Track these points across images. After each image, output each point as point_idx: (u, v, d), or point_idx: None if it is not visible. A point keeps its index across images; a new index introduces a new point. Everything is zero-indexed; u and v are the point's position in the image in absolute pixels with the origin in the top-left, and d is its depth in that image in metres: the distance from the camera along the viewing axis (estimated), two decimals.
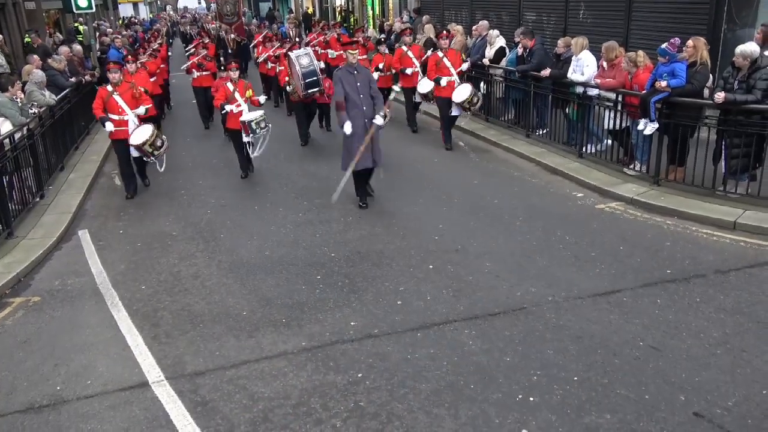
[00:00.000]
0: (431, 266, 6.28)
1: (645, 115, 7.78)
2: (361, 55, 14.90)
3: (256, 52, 16.02)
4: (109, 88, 8.74)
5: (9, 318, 5.76)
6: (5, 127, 8.14)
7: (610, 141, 9.02)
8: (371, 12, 25.90)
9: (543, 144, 10.17)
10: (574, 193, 8.21)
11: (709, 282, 5.67)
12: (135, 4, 53.62)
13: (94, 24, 19.64)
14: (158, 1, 62.35)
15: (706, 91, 7.79)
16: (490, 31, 11.85)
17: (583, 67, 9.04)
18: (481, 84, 11.63)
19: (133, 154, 8.80)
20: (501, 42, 11.60)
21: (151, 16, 49.57)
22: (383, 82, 11.38)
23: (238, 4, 24.20)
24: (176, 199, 8.84)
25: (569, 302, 5.43)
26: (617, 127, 8.54)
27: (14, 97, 8.68)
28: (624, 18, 11.53)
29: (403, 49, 11.57)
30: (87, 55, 15.75)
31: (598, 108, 8.88)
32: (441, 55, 10.42)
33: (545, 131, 10.50)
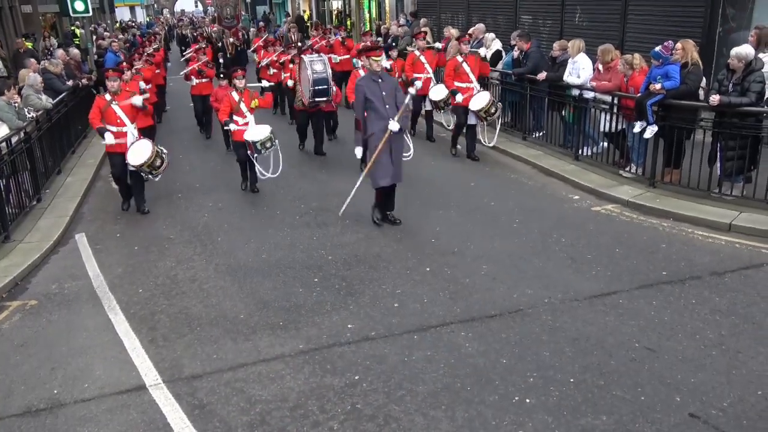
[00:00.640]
0: (428, 269, 6.29)
1: (640, 117, 7.81)
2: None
3: (257, 56, 15.39)
4: (107, 97, 8.22)
5: (6, 322, 5.76)
6: (2, 131, 8.14)
7: (606, 143, 9.06)
8: (368, 15, 25.95)
9: (539, 146, 10.21)
10: (570, 196, 8.24)
11: (705, 283, 5.70)
12: (132, 8, 53.69)
13: (91, 27, 19.64)
14: (155, 5, 62.40)
15: (701, 94, 7.82)
16: (487, 34, 11.89)
17: (579, 69, 9.07)
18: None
19: (131, 167, 8.25)
20: (497, 45, 11.64)
21: (148, 19, 49.56)
22: None
23: (237, 7, 23.94)
24: (173, 203, 8.85)
25: (565, 304, 5.45)
26: (613, 129, 8.58)
27: (11, 101, 8.68)
28: (620, 21, 11.59)
29: (416, 53, 10.95)
30: (84, 59, 15.77)
31: (594, 111, 8.92)
32: (460, 59, 9.79)
33: (541, 134, 10.54)
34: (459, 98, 9.73)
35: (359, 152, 7.42)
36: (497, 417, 4.11)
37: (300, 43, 17.94)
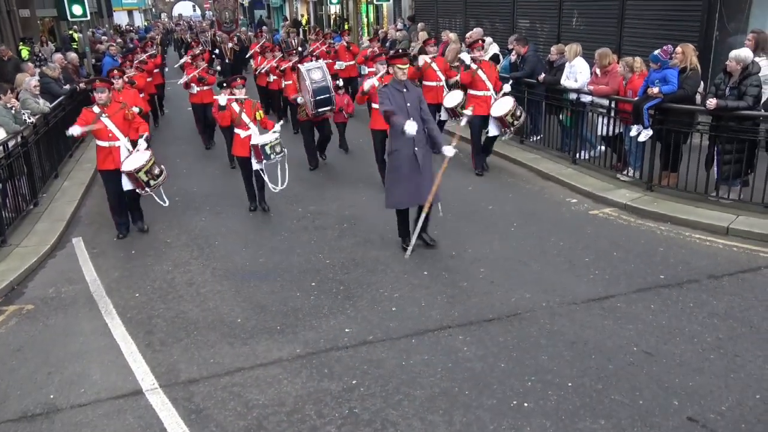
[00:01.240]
0: (426, 272, 6.28)
1: (637, 121, 7.83)
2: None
3: (254, 62, 14.59)
4: (96, 109, 7.34)
5: (2, 326, 5.73)
6: None
7: (603, 147, 9.06)
8: (366, 19, 26.01)
9: (537, 150, 10.21)
10: (567, 199, 8.24)
11: (703, 287, 5.70)
12: (130, 12, 53.76)
13: (89, 32, 19.63)
14: (153, 9, 62.46)
15: (698, 98, 7.84)
16: (487, 37, 11.90)
17: (577, 73, 9.09)
18: None
19: (126, 186, 7.42)
20: (495, 49, 11.65)
21: (145, 24, 49.58)
22: None
23: (236, 11, 23.59)
24: (170, 207, 8.78)
25: (563, 308, 5.44)
26: (610, 133, 8.59)
27: (8, 105, 8.67)
28: (617, 25, 11.62)
29: (427, 60, 10.36)
30: (81, 63, 15.75)
31: (592, 114, 8.93)
32: (475, 67, 9.11)
33: (539, 137, 10.55)
34: (469, 111, 9.08)
35: (411, 128, 6.12)
36: (495, 421, 4.10)
37: (300, 48, 17.62)
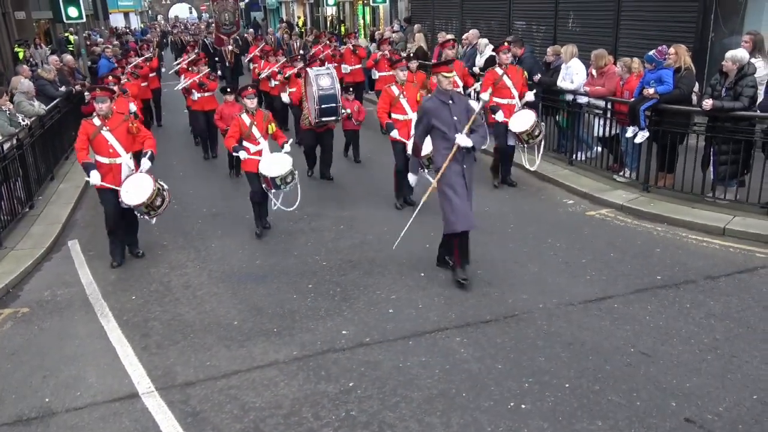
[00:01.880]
0: (422, 274, 6.28)
1: (633, 122, 7.84)
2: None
3: (255, 67, 13.96)
4: (96, 121, 6.67)
5: None
6: None
7: (599, 148, 9.07)
8: (362, 21, 26.01)
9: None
10: (564, 200, 8.25)
11: (699, 288, 5.70)
12: (126, 14, 53.67)
13: (85, 34, 19.57)
14: (149, 11, 62.40)
15: (694, 98, 7.86)
16: (480, 40, 11.93)
17: (573, 75, 9.10)
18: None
19: (125, 206, 6.72)
20: (491, 51, 11.66)
21: (142, 26, 49.52)
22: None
23: (236, 13, 22.84)
24: (167, 209, 8.78)
25: (560, 309, 5.44)
26: (607, 134, 8.60)
27: (2, 108, 8.64)
28: (612, 26, 11.63)
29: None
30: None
31: (588, 116, 8.94)
32: (500, 72, 8.36)
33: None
34: (500, 116, 8.34)
35: (413, 180, 6.42)
36: (493, 423, 4.09)
37: (302, 50, 17.08)
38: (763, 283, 5.72)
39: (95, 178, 6.53)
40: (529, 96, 8.49)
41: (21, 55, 16.82)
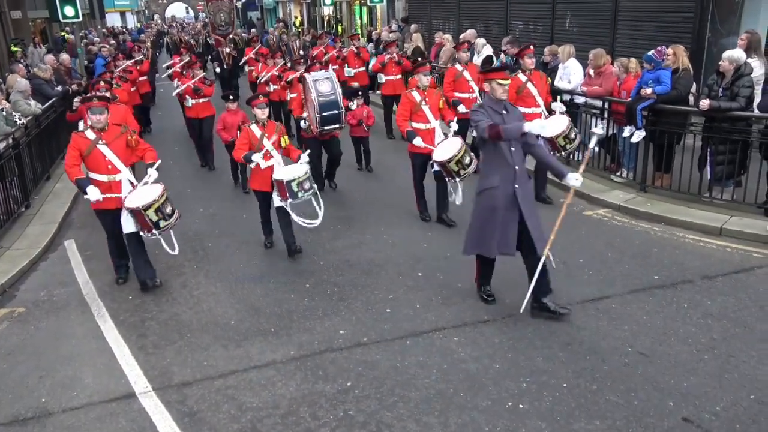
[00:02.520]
0: (420, 274, 6.27)
1: (630, 122, 7.85)
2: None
3: (251, 70, 13.45)
4: (90, 134, 5.92)
5: None
6: None
7: (597, 148, 9.06)
8: (359, 21, 26.01)
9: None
10: (561, 200, 8.22)
11: (696, 288, 5.71)
12: (122, 14, 53.57)
13: (81, 33, 19.52)
14: (146, 11, 62.29)
15: (691, 99, 7.87)
16: (477, 40, 11.92)
17: (570, 75, 9.09)
18: None
19: (128, 228, 5.97)
20: (488, 51, 11.67)
21: (138, 25, 49.40)
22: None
23: (232, 13, 22.42)
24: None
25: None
26: (605, 134, 8.59)
27: None
28: (610, 26, 11.65)
29: (458, 68, 9.05)
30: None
31: (585, 115, 8.94)
32: (524, 79, 7.74)
33: None
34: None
35: (535, 126, 4.86)
36: (490, 423, 4.09)
37: (302, 51, 16.62)
38: (759, 283, 5.73)
39: (95, 193, 5.79)
40: (556, 106, 7.89)
41: (18, 55, 16.80)
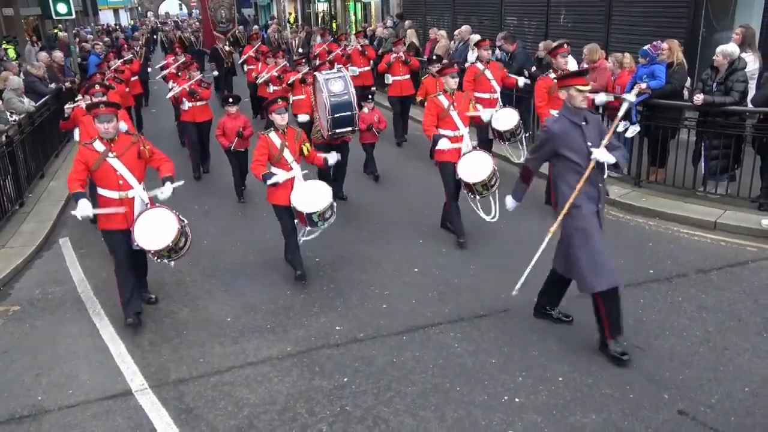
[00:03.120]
0: (416, 270, 6.28)
1: (625, 117, 7.84)
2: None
3: (250, 69, 12.98)
4: (99, 146, 5.19)
5: None
6: None
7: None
8: (354, 17, 25.95)
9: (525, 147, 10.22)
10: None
11: (691, 281, 5.73)
12: (116, 11, 53.33)
13: (74, 30, 19.39)
14: (139, 8, 61.99)
15: (685, 93, 7.89)
16: (472, 36, 11.90)
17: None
18: None
19: (137, 247, 5.35)
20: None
21: (131, 23, 49.17)
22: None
23: (232, 9, 21.72)
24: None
25: None
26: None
27: None
28: (604, 22, 11.65)
29: (479, 67, 8.63)
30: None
31: None
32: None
33: (527, 134, 10.54)
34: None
35: (511, 203, 5.17)
36: (487, 417, 4.10)
37: (301, 49, 15.46)
38: (754, 276, 5.77)
39: (85, 208, 5.08)
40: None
41: (12, 53, 16.70)
